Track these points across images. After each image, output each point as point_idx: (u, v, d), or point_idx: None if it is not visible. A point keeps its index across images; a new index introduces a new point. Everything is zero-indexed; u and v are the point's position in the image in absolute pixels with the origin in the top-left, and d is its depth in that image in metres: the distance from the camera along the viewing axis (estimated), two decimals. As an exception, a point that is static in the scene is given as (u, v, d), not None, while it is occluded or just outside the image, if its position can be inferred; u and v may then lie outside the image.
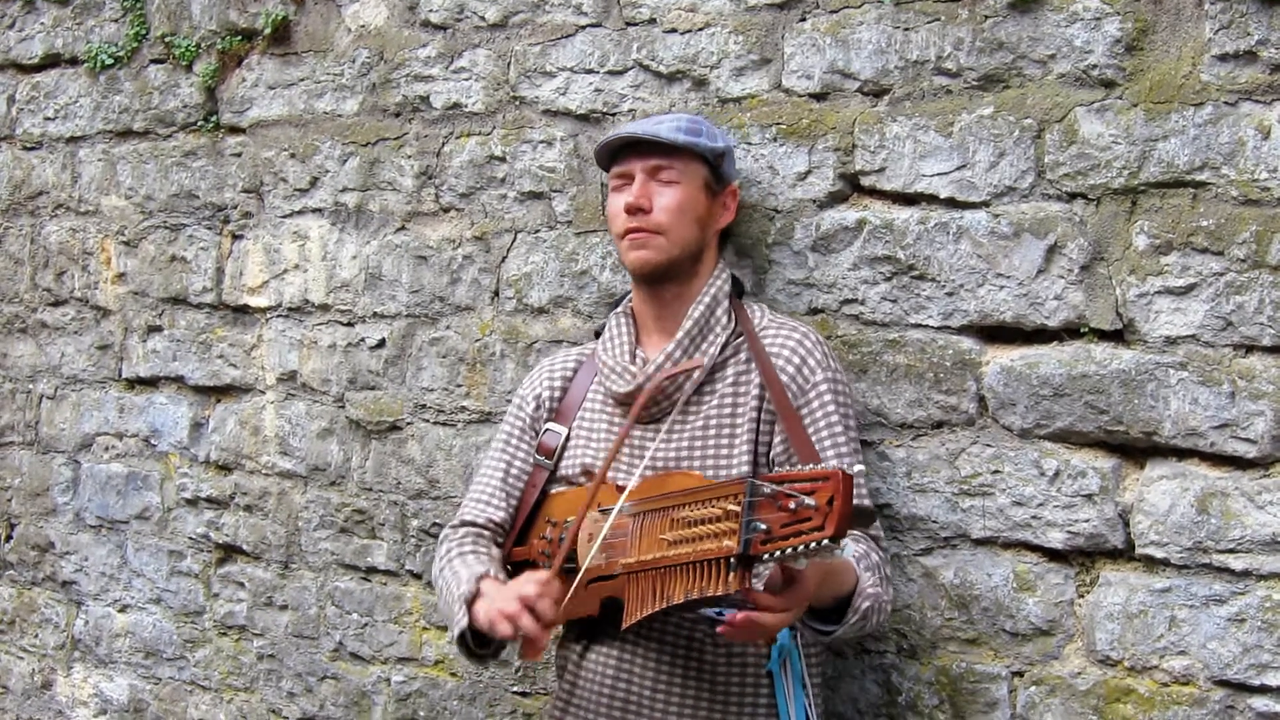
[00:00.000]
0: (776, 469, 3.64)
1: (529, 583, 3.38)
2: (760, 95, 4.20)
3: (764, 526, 2.99)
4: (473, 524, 3.92)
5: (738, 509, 3.06)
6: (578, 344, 4.33)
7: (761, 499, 3.02)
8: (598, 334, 4.05)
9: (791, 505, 2.94)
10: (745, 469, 3.63)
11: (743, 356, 3.74)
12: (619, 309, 3.96)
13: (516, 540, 3.91)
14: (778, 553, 2.96)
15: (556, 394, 3.98)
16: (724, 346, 3.75)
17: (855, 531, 3.53)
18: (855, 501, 2.97)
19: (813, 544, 2.90)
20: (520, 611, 3.33)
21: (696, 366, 3.66)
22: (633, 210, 3.74)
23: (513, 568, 3.88)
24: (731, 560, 3.06)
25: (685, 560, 3.19)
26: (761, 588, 3.17)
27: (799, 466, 3.07)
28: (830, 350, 3.78)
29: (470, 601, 3.59)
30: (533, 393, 4.01)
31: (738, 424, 3.68)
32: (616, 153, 3.86)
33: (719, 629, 3.17)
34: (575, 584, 3.44)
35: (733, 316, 3.80)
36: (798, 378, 3.68)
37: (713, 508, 3.15)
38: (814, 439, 3.63)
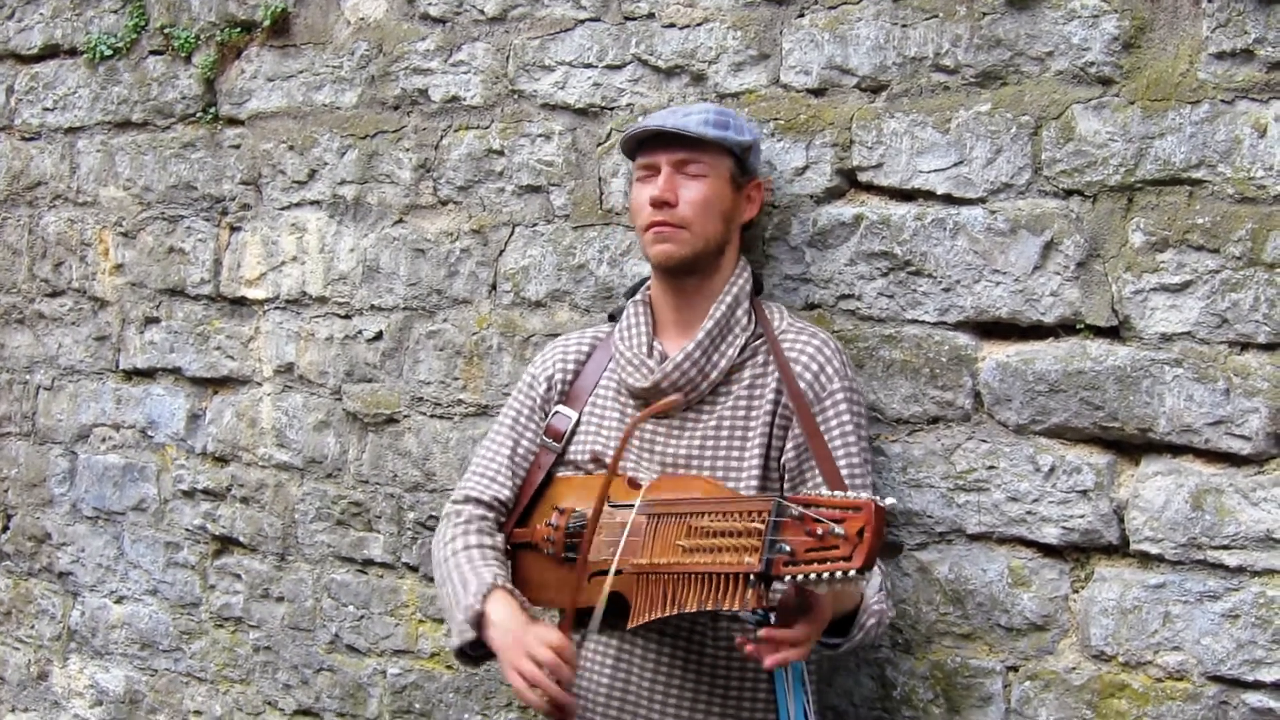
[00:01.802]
0: (787, 476, 3.66)
1: (544, 645, 3.42)
2: (758, 90, 4.21)
3: (788, 548, 2.97)
4: (478, 500, 3.92)
5: (761, 527, 3.04)
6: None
7: (788, 520, 3.01)
8: (612, 317, 4.05)
9: (819, 531, 2.92)
10: (756, 473, 3.64)
11: (760, 359, 3.74)
12: (637, 296, 3.95)
13: (519, 521, 3.91)
14: (800, 576, 2.94)
15: (569, 376, 3.97)
16: (742, 348, 3.75)
17: None
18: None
19: (839, 573, 2.89)
20: (543, 679, 3.40)
21: (674, 404, 3.66)
22: (658, 204, 3.72)
23: (512, 547, 3.89)
24: (751, 577, 3.04)
25: (702, 570, 3.16)
26: (777, 604, 3.18)
27: (822, 489, 3.05)
28: (848, 359, 3.79)
29: (477, 623, 3.61)
30: (544, 373, 4.00)
31: (751, 427, 3.68)
32: (642, 143, 3.85)
33: (761, 659, 3.15)
34: (605, 588, 3.43)
35: (753, 317, 3.80)
36: (815, 385, 3.68)
37: (735, 521, 3.13)
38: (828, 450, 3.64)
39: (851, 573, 2.87)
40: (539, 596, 3.73)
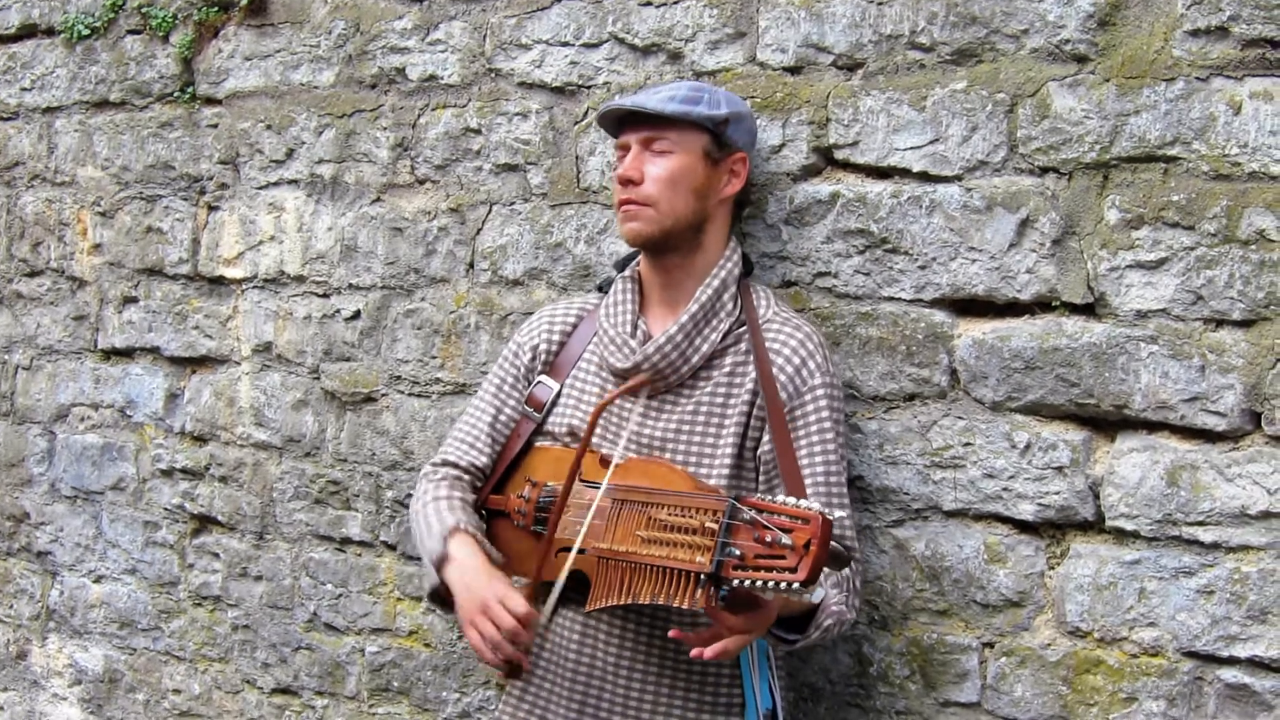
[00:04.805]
0: (763, 471, 3.66)
1: (504, 607, 3.48)
2: (735, 68, 4.20)
3: (738, 552, 3.01)
4: (455, 465, 3.94)
5: (715, 527, 3.08)
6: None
7: (740, 524, 3.04)
8: (601, 289, 4.06)
9: (768, 538, 2.95)
10: (728, 462, 3.64)
11: (743, 347, 3.72)
12: (626, 271, 3.94)
13: (495, 488, 3.93)
14: (747, 582, 2.99)
15: (554, 347, 3.96)
16: (725, 333, 3.74)
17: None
18: (832, 546, 2.97)
19: (783, 584, 2.92)
20: (502, 642, 3.48)
21: (641, 384, 3.68)
22: (624, 182, 3.73)
23: (486, 513, 3.93)
24: (701, 577, 3.09)
25: (656, 563, 3.22)
26: (727, 597, 3.20)
27: (781, 498, 3.07)
28: (830, 353, 3.78)
29: (440, 564, 3.68)
30: (530, 342, 4.00)
31: (727, 415, 3.68)
32: (620, 122, 3.84)
33: (690, 650, 3.21)
34: (564, 572, 3.48)
35: (739, 302, 3.79)
36: (795, 379, 3.66)
37: (691, 518, 3.17)
38: (804, 447, 3.63)
39: (796, 585, 2.90)
40: (509, 565, 3.75)
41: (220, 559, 5.46)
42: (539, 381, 3.95)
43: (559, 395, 3.90)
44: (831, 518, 2.93)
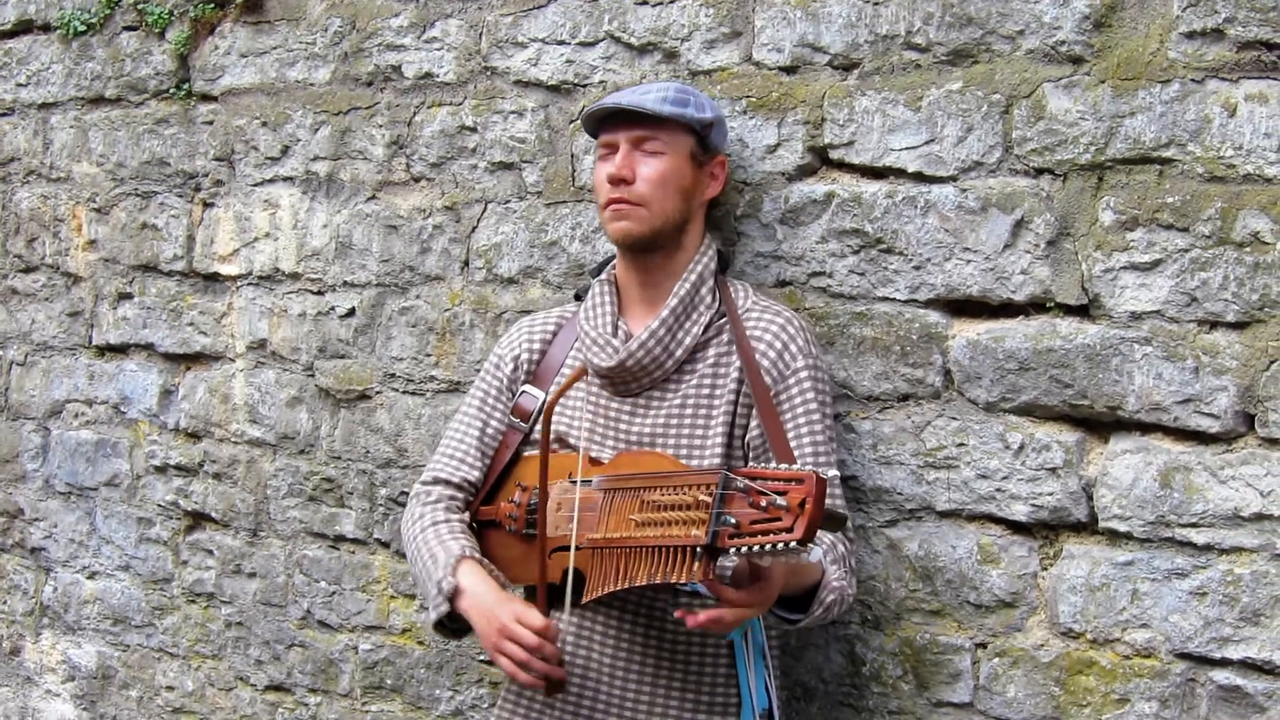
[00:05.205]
0: (753, 455, 3.67)
1: (525, 626, 3.45)
2: (730, 68, 4.20)
3: (733, 520, 3.00)
4: (446, 481, 3.93)
5: (709, 499, 3.08)
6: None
7: (733, 493, 3.04)
8: (578, 297, 4.05)
9: (763, 503, 2.95)
10: (719, 451, 3.64)
11: (725, 338, 3.73)
12: (602, 275, 3.94)
13: (485, 499, 3.92)
14: (744, 549, 2.98)
15: (535, 356, 3.96)
16: (707, 326, 3.75)
17: None
18: (827, 505, 2.97)
19: (780, 545, 2.92)
20: (530, 659, 3.44)
21: (580, 374, 3.66)
22: (615, 181, 3.72)
23: (478, 525, 3.91)
24: (698, 550, 3.08)
25: (651, 543, 3.21)
26: (730, 575, 3.19)
27: (773, 465, 3.08)
28: (812, 336, 3.79)
29: (452, 596, 3.62)
30: (511, 353, 3.99)
31: (715, 406, 3.69)
32: (603, 121, 3.84)
33: (685, 619, 3.19)
34: (572, 563, 3.46)
35: (717, 295, 3.79)
36: (779, 363, 3.68)
37: (684, 494, 3.17)
38: (792, 428, 3.64)
39: (793, 544, 2.90)
40: (505, 572, 3.73)
41: (214, 556, 5.46)
42: (523, 391, 3.94)
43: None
44: (825, 476, 2.93)
